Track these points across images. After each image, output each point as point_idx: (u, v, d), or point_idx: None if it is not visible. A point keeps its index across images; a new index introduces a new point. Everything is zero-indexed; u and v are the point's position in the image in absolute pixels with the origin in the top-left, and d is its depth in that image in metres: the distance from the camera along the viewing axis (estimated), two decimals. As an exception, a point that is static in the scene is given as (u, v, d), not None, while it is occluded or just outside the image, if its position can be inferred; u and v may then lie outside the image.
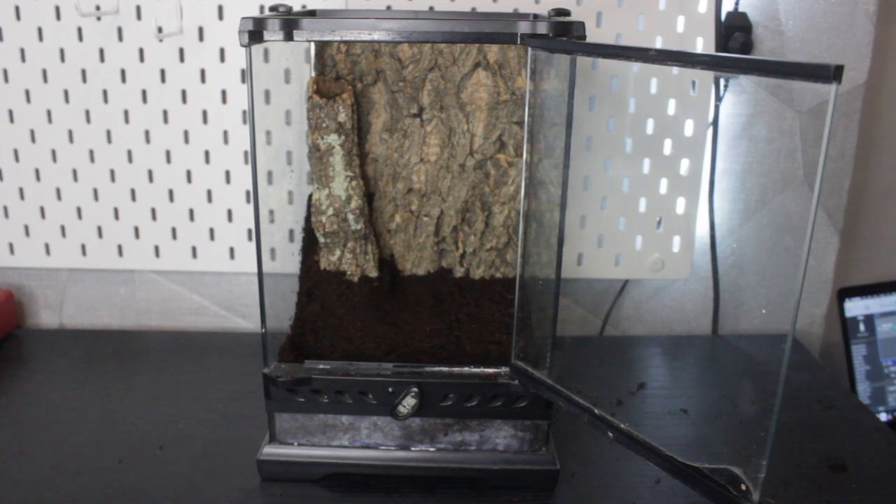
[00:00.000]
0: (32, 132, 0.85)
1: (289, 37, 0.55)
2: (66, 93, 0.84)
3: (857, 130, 0.88)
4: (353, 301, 0.69)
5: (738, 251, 0.91)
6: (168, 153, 0.86)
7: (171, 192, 0.87)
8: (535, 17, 0.71)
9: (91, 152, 0.86)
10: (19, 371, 0.82)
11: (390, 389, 0.61)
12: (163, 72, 0.83)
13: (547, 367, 0.61)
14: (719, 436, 0.72)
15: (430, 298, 0.70)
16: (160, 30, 0.78)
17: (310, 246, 0.72)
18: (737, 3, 0.83)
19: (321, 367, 0.63)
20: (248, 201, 0.87)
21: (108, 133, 0.85)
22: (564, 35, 0.55)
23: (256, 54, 0.77)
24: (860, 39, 0.84)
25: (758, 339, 0.92)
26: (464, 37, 0.56)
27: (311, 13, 0.72)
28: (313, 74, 0.69)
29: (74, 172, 0.87)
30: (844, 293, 0.95)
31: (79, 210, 0.88)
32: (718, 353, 0.91)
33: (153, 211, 0.88)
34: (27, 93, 0.84)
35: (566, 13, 0.63)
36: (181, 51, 0.82)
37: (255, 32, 0.55)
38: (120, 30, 0.81)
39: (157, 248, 0.89)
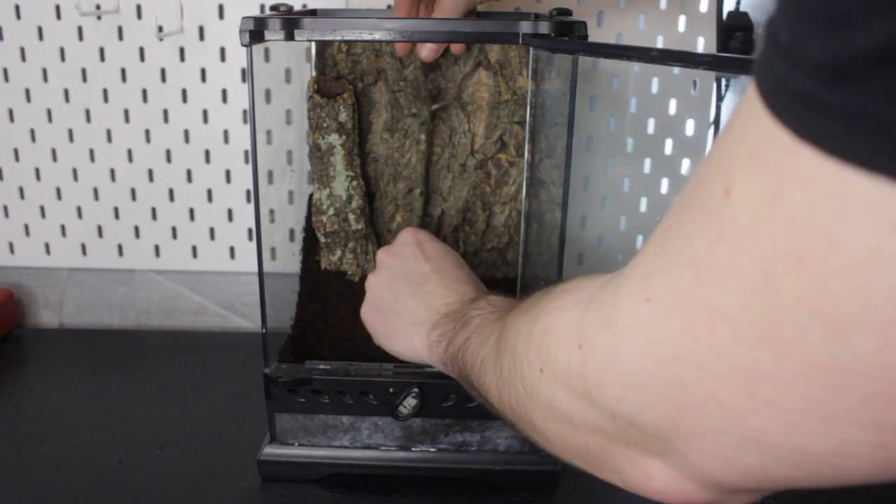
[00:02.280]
0: (32, 131, 0.85)
1: (290, 36, 0.55)
2: (66, 92, 0.84)
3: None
4: (354, 301, 0.68)
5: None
6: (168, 153, 0.86)
7: (171, 192, 0.87)
8: (537, 16, 0.71)
9: (91, 152, 0.86)
10: (19, 371, 0.82)
11: (391, 390, 0.61)
12: (163, 71, 0.83)
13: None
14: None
15: (431, 298, 0.70)
16: (160, 29, 0.78)
17: (310, 246, 0.72)
18: (738, 3, 0.82)
19: (322, 367, 0.63)
20: (249, 201, 0.87)
21: (109, 132, 0.85)
22: (566, 35, 0.55)
23: (257, 54, 0.77)
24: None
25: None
26: (465, 37, 0.56)
27: (312, 13, 0.72)
28: (314, 74, 0.68)
29: (74, 172, 0.87)
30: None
31: (79, 210, 0.88)
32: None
33: (153, 210, 0.88)
34: (27, 92, 0.84)
35: (568, 13, 0.63)
36: (181, 50, 0.82)
37: (255, 32, 0.54)
38: (120, 29, 0.81)
39: (157, 248, 0.89)
